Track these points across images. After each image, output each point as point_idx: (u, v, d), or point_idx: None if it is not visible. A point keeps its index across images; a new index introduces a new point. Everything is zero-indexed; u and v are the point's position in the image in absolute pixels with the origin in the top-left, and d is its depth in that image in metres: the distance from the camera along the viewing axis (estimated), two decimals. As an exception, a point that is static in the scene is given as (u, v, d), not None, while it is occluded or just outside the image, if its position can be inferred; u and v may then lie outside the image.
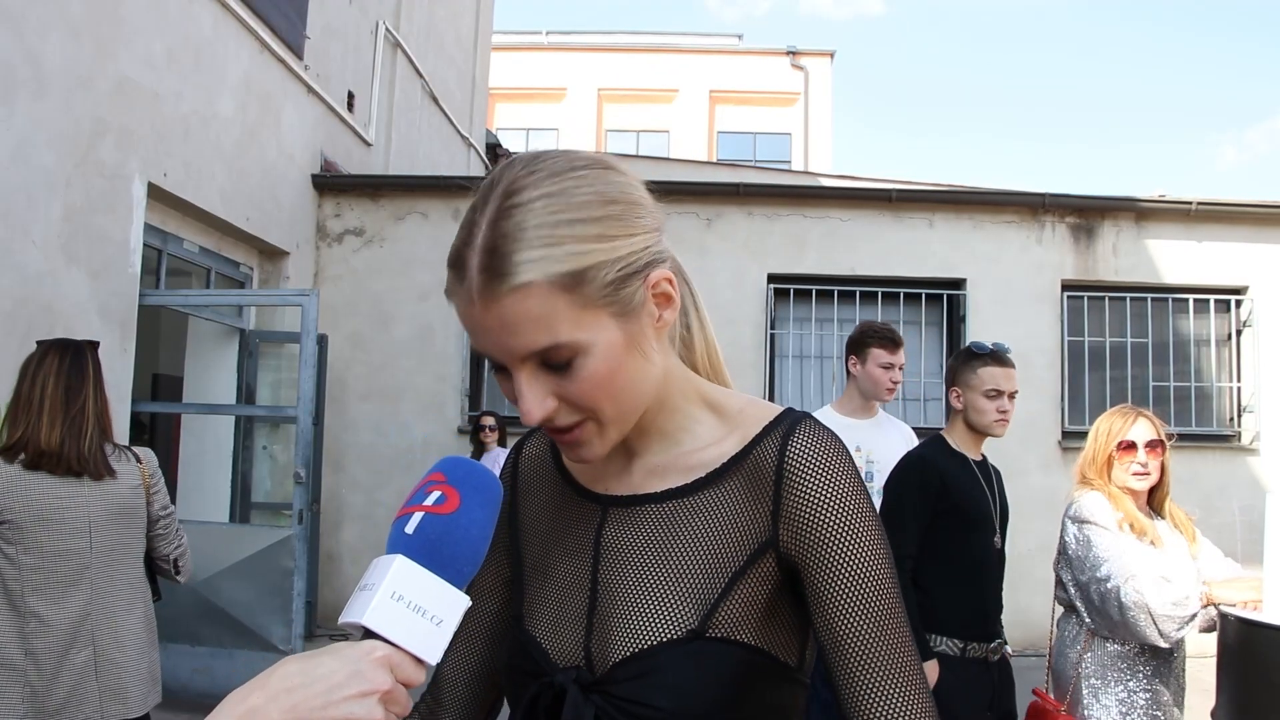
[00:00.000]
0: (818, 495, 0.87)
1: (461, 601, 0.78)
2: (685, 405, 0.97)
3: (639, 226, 0.88)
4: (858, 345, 3.57)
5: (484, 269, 0.81)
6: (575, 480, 1.02)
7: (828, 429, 0.92)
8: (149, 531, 2.79)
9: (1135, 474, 2.74)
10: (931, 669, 2.84)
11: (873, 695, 0.85)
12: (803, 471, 0.88)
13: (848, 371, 3.63)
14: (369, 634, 0.74)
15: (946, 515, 2.94)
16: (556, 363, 0.84)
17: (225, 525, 6.38)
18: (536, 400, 0.86)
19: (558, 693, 0.89)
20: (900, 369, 3.53)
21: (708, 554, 0.90)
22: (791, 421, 0.92)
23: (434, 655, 0.76)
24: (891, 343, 3.51)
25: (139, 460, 2.77)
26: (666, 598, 0.89)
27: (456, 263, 0.84)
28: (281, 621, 5.31)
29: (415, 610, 0.75)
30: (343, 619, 0.76)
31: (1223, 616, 2.45)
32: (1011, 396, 3.04)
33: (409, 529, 0.78)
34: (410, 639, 0.75)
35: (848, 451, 0.91)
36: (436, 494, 0.80)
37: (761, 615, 0.89)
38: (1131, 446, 2.75)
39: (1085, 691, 2.67)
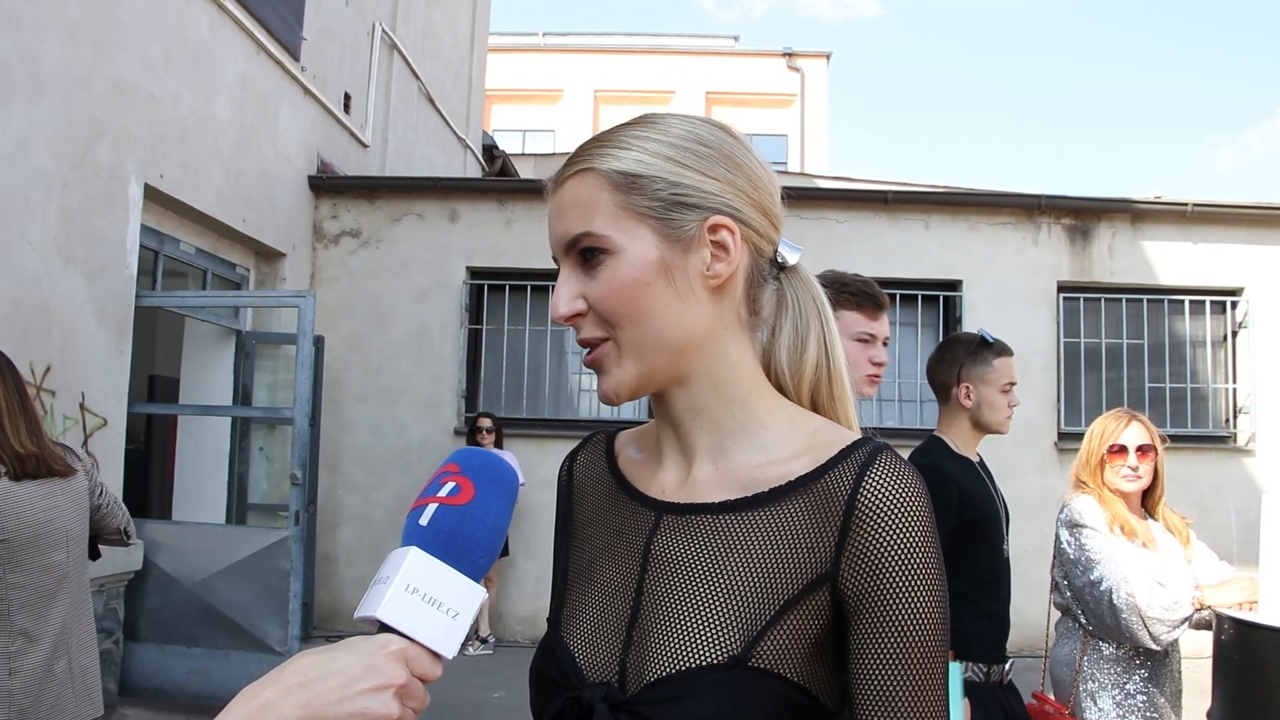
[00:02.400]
0: (889, 540, 0.81)
1: (477, 594, 0.77)
2: (754, 407, 0.92)
3: (719, 174, 0.90)
4: None
5: (567, 161, 0.90)
6: (630, 484, 0.98)
7: (909, 465, 0.85)
8: (91, 517, 2.73)
9: (1125, 477, 2.75)
10: (966, 709, 2.43)
11: None
12: (877, 510, 0.82)
13: None
14: (385, 628, 0.73)
15: (962, 530, 2.57)
16: (590, 258, 0.88)
17: (222, 526, 6.37)
18: (567, 295, 0.89)
19: (585, 709, 0.85)
20: (885, 345, 2.34)
21: (760, 576, 0.85)
22: (871, 450, 0.85)
23: (450, 649, 0.75)
24: (874, 303, 2.30)
25: (79, 457, 2.72)
26: (711, 618, 0.84)
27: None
28: (278, 623, 5.31)
29: (430, 603, 0.74)
30: (358, 613, 0.75)
31: (1219, 617, 2.46)
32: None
33: (423, 520, 0.77)
34: (425, 632, 0.74)
35: (928, 493, 0.84)
36: (451, 485, 0.79)
37: (809, 651, 0.83)
38: (1122, 450, 2.76)
39: (1083, 694, 2.68)
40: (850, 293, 2.27)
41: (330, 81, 7.78)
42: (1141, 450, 2.76)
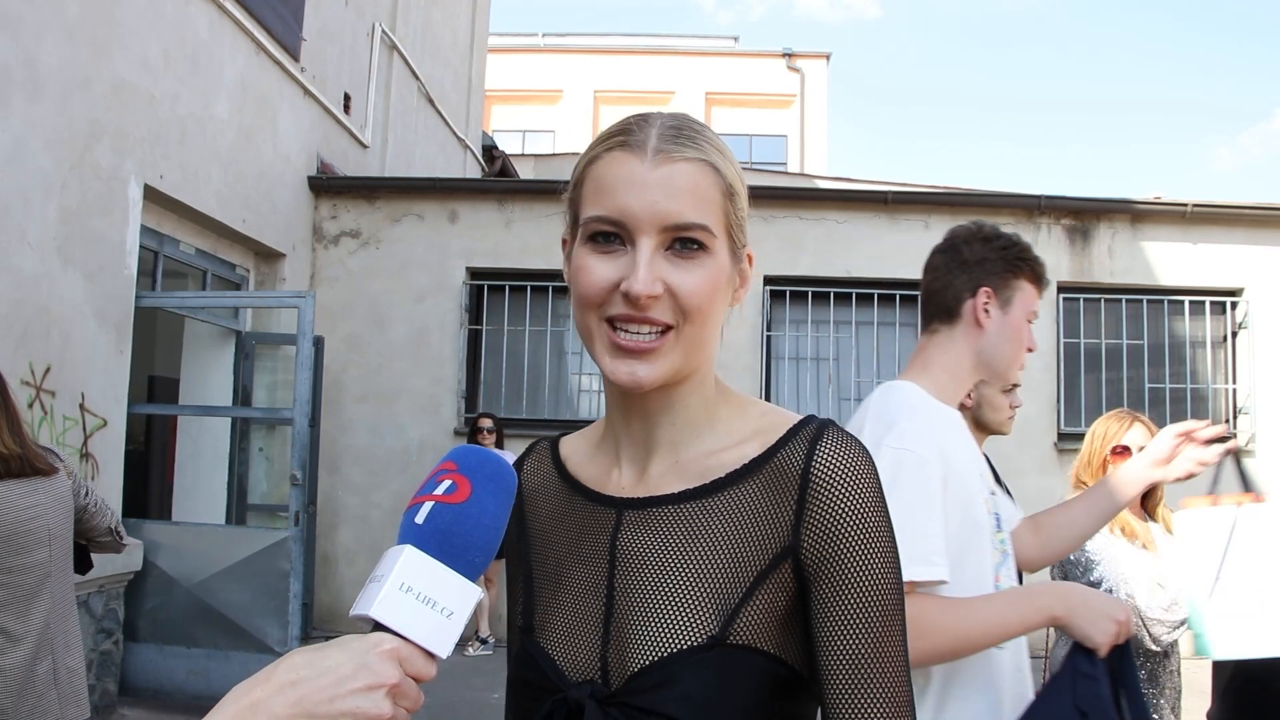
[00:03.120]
0: (843, 507, 0.86)
1: (473, 593, 0.76)
2: (716, 397, 0.98)
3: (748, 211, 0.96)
4: (997, 268, 1.82)
5: (673, 135, 0.88)
6: (585, 487, 1.00)
7: (855, 438, 0.91)
8: (79, 518, 2.72)
9: None
10: None
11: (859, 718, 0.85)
12: (830, 480, 0.87)
13: (947, 313, 1.84)
14: (379, 626, 0.73)
15: None
16: (687, 248, 0.88)
17: (221, 527, 6.38)
18: (652, 276, 0.87)
19: (573, 708, 0.87)
20: None
21: (727, 557, 0.88)
22: (818, 427, 0.91)
23: (444, 648, 0.74)
24: (1044, 279, 1.93)
25: (60, 457, 2.71)
26: (686, 603, 0.87)
27: (632, 126, 0.90)
28: (277, 623, 5.31)
29: (425, 602, 0.73)
30: (353, 611, 0.74)
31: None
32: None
33: (419, 519, 0.76)
34: (419, 632, 0.73)
35: (874, 464, 0.90)
36: (447, 483, 0.78)
37: (780, 623, 0.88)
38: (1125, 451, 2.75)
39: (1082, 693, 2.68)
40: (1031, 263, 1.88)
41: (330, 82, 7.78)
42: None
